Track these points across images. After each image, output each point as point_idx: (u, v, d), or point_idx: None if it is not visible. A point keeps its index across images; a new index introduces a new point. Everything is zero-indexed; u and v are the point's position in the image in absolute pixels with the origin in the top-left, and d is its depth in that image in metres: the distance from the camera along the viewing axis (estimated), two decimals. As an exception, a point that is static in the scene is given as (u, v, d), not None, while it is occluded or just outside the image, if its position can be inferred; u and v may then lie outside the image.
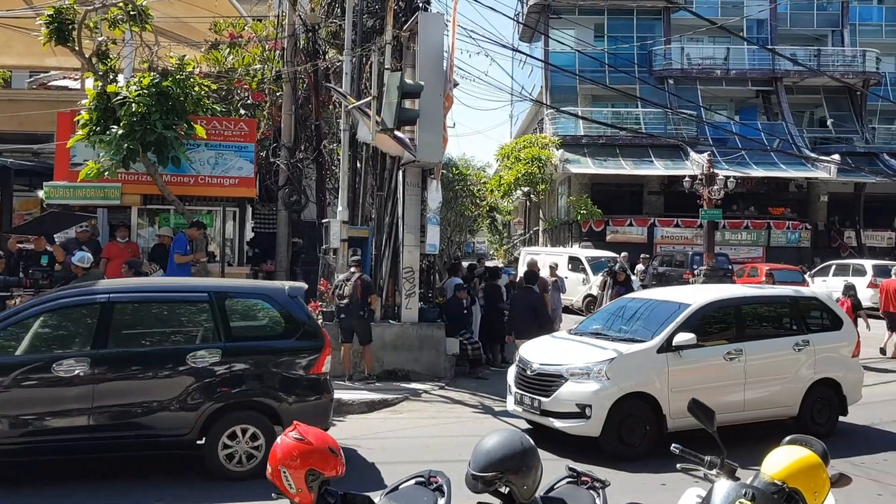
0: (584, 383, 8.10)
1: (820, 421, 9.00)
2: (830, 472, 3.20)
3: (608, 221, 32.12)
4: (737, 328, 8.98)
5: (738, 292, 10.06)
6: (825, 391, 9.10)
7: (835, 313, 9.69)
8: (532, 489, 3.02)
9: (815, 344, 9.09)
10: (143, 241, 12.74)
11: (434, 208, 12.46)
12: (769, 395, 8.79)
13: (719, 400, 8.12)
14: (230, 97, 15.98)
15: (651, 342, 8.36)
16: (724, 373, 8.54)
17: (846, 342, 9.53)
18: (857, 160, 33.28)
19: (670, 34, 36.26)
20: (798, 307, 9.61)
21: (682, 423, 7.88)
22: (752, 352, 8.71)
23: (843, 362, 9.38)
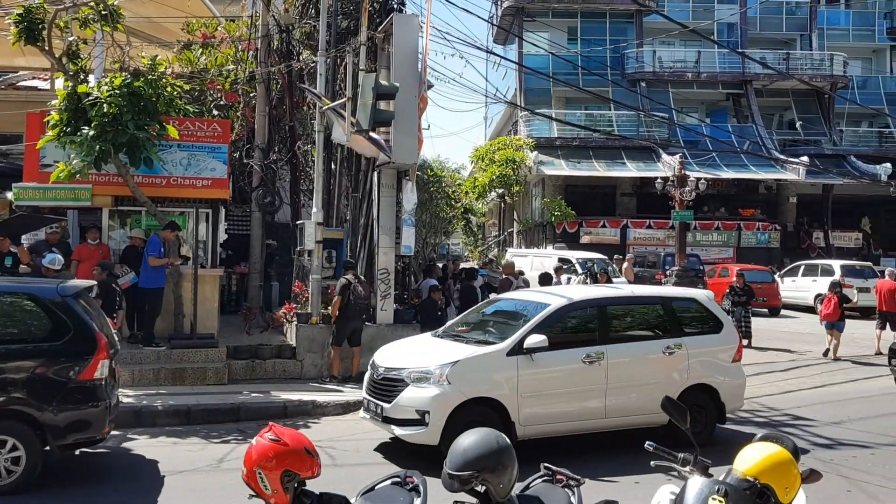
0: (424, 388, 7.64)
1: (694, 430, 8.45)
2: (801, 468, 3.25)
3: (581, 223, 32.34)
4: (600, 330, 8.46)
5: (605, 293, 9.44)
6: (700, 397, 8.62)
7: (715, 315, 9.15)
8: (508, 488, 3.03)
9: (690, 347, 8.63)
10: (114, 242, 12.58)
11: (409, 210, 12.46)
12: (635, 401, 8.31)
13: (577, 406, 8.05)
14: (203, 98, 15.85)
15: (501, 345, 7.94)
16: (583, 377, 8.13)
17: (726, 346, 9.02)
18: (825, 162, 33.82)
19: (642, 37, 36.59)
20: (673, 309, 9.02)
21: (534, 431, 7.80)
22: (615, 355, 8.27)
23: (721, 367, 8.90)
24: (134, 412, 9.23)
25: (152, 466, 7.47)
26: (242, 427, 9.05)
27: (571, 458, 7.75)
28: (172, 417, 9.32)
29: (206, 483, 7.07)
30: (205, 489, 6.90)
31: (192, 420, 9.34)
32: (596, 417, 8.15)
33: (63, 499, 6.60)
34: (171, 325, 11.88)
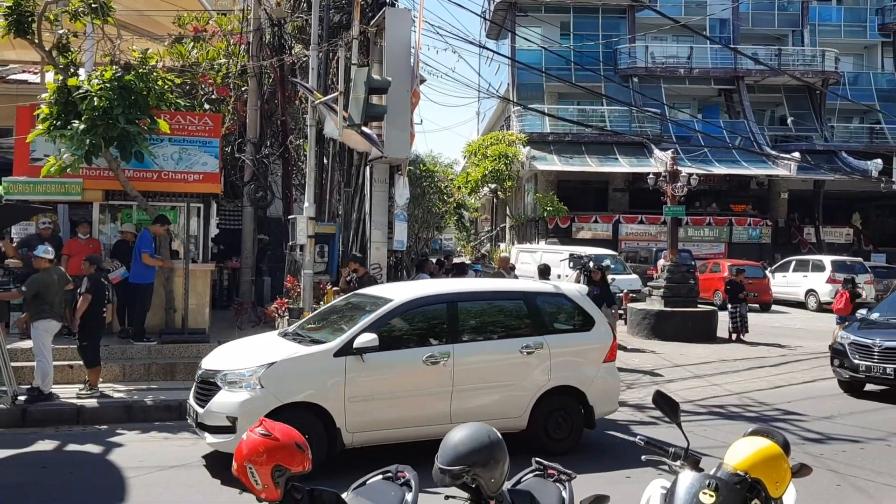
0: (235, 392, 6.98)
1: (557, 435, 7.89)
2: (791, 462, 3.27)
3: (574, 218, 32.37)
4: (449, 328, 7.74)
5: (459, 287, 8.69)
6: (565, 401, 8.02)
7: (586, 312, 8.46)
8: (499, 482, 3.03)
9: (553, 346, 7.96)
10: (105, 237, 12.53)
11: (401, 205, 12.46)
12: (486, 404, 7.61)
13: (417, 411, 7.38)
14: (194, 92, 15.77)
15: (328, 345, 7.28)
16: (425, 380, 7.47)
17: (596, 344, 8.33)
18: (817, 158, 33.94)
19: (635, 33, 36.63)
20: (537, 305, 8.32)
21: (365, 438, 7.24)
22: (464, 355, 7.60)
23: (590, 367, 8.20)
24: (125, 407, 9.21)
25: (142, 462, 7.45)
26: (234, 422, 9.00)
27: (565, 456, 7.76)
28: (164, 413, 9.28)
29: (198, 478, 7.05)
30: (196, 484, 6.88)
31: (184, 415, 9.28)
32: (440, 423, 7.14)
33: (57, 496, 6.57)
34: (163, 321, 11.85)
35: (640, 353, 15.30)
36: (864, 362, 11.18)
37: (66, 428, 8.66)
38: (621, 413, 9.91)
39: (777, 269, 27.27)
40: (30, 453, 7.75)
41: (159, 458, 7.61)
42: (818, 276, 25.18)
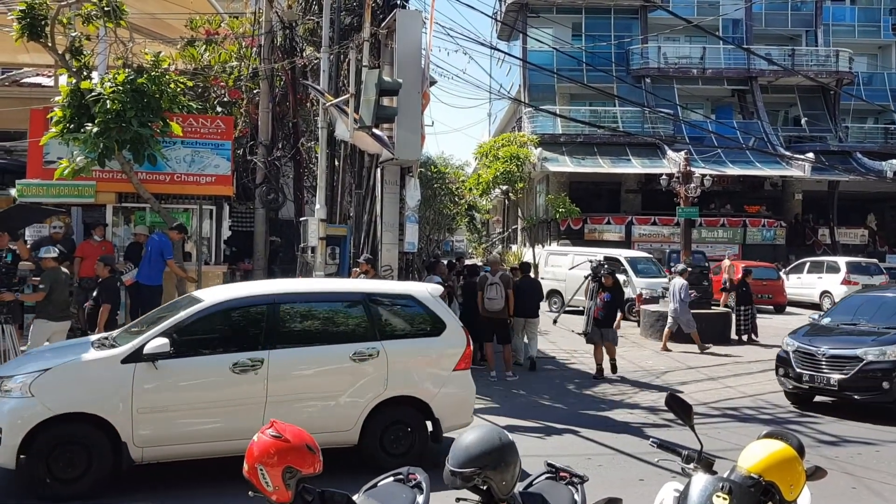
0: (5, 400, 6.39)
1: (395, 450, 7.17)
2: (806, 465, 3.23)
3: (586, 220, 32.26)
4: (266, 333, 7.01)
5: (283, 287, 7.98)
6: (406, 413, 7.35)
7: (436, 316, 7.69)
8: (510, 485, 3.02)
9: (392, 353, 7.27)
10: (118, 239, 12.61)
11: (412, 206, 12.45)
12: (308, 417, 6.88)
13: (221, 424, 6.70)
14: (206, 94, 15.85)
15: (116, 351, 6.64)
16: (233, 389, 6.77)
17: (445, 351, 7.58)
18: (831, 158, 33.70)
19: (647, 33, 36.50)
20: (377, 308, 7.60)
21: (158, 453, 6.59)
22: (281, 363, 6.90)
23: (437, 376, 7.50)
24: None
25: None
26: (246, 424, 9.01)
27: (574, 456, 7.73)
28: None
29: (209, 478, 7.06)
30: (207, 485, 6.88)
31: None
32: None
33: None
34: (175, 322, 11.87)
35: (656, 354, 15.24)
36: (808, 371, 10.32)
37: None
38: (634, 416, 9.87)
39: (791, 271, 27.09)
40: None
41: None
42: (833, 278, 24.98)
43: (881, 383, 9.79)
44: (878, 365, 9.85)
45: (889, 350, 9.96)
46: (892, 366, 9.81)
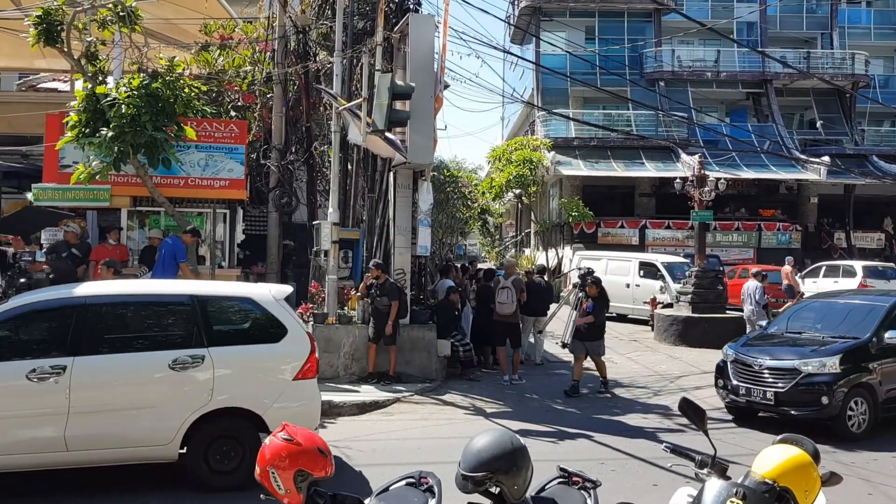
0: None
1: (222, 467, 6.70)
2: (821, 470, 3.20)
3: (599, 223, 32.15)
4: (71, 338, 6.53)
5: (95, 290, 7.30)
6: (236, 426, 6.82)
7: (276, 319, 7.08)
8: (522, 489, 3.00)
9: (219, 360, 6.75)
10: (133, 243, 12.69)
11: (425, 210, 12.46)
12: (118, 430, 6.45)
13: (18, 436, 6.29)
14: (220, 99, 15.93)
15: None
16: (30, 399, 6.35)
17: (284, 358, 7.05)
18: (847, 162, 33.44)
19: (661, 36, 36.37)
20: (206, 311, 7.01)
21: None
22: (85, 370, 6.41)
23: (273, 386, 6.98)
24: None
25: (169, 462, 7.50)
26: (259, 427, 9.03)
27: (588, 461, 7.69)
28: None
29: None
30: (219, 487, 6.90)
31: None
32: (52, 450, 6.28)
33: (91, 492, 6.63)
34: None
35: (670, 358, 15.16)
36: (745, 384, 9.62)
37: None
38: (648, 420, 9.81)
39: (807, 275, 26.87)
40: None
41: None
42: (849, 282, 24.77)
43: (820, 398, 9.02)
44: (816, 378, 9.13)
45: (829, 362, 9.22)
46: (832, 379, 9.08)
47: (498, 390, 11.86)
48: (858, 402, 9.16)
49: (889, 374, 9.47)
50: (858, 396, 9.16)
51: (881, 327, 9.62)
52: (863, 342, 9.51)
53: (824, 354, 9.35)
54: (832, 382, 9.05)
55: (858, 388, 9.19)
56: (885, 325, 9.65)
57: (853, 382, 9.15)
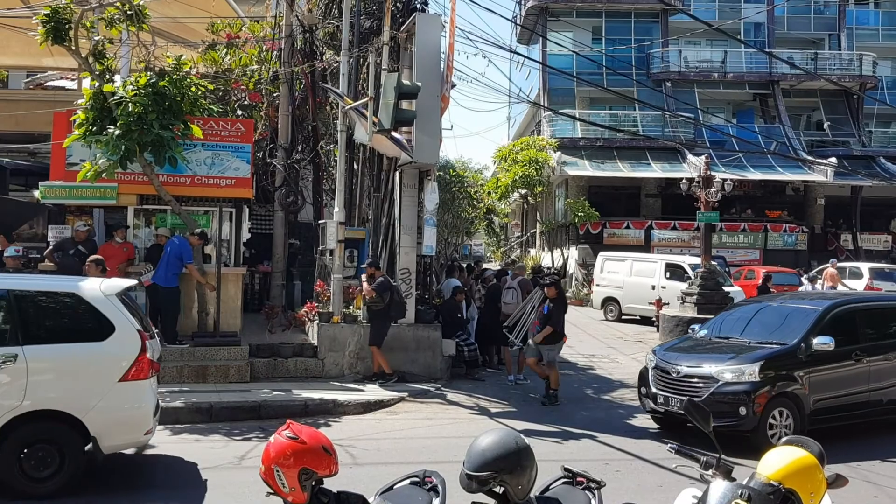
0: None
1: (38, 474, 6.28)
2: (827, 473, 3.19)
3: (605, 224, 32.12)
4: None
5: None
6: (54, 430, 6.41)
7: (103, 317, 6.62)
8: (527, 489, 3.00)
9: (34, 359, 6.34)
10: (139, 241, 12.71)
11: (431, 210, 12.46)
12: None
13: None
14: (227, 98, 15.96)
15: None
16: None
17: (110, 358, 6.62)
18: (854, 163, 33.34)
19: (668, 37, 36.29)
20: (18, 306, 6.56)
21: None
22: None
23: (94, 387, 6.52)
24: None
25: (174, 463, 7.52)
26: (264, 425, 9.08)
27: (592, 462, 7.68)
28: (195, 415, 9.38)
29: (227, 480, 7.10)
30: (226, 486, 6.92)
31: (215, 417, 9.40)
32: None
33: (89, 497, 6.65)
34: (195, 323, 11.98)
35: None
36: (663, 392, 9.02)
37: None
38: (652, 421, 9.78)
39: (813, 277, 26.79)
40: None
41: (190, 459, 7.67)
42: (856, 284, 24.69)
43: (738, 408, 8.39)
44: (734, 386, 8.51)
45: (748, 369, 8.59)
46: (751, 387, 8.45)
47: (502, 390, 11.86)
48: (782, 412, 8.56)
49: (819, 383, 8.88)
50: (782, 407, 8.57)
51: (811, 333, 9.00)
52: (789, 348, 8.93)
53: (744, 361, 8.73)
54: (751, 391, 8.44)
55: (782, 397, 8.61)
56: (815, 331, 9.03)
57: (775, 392, 8.56)
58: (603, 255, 24.68)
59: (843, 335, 9.20)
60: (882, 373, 9.38)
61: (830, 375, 9.06)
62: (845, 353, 9.13)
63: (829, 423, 8.92)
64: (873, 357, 9.35)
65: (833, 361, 9.06)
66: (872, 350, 9.41)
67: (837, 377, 9.13)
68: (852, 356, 9.19)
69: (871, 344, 9.48)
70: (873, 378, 9.32)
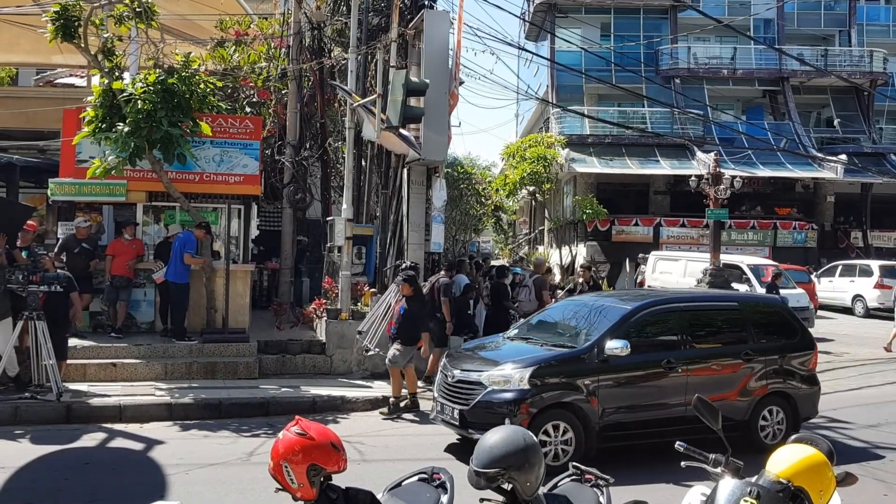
0: None
1: None
2: (836, 471, 3.18)
3: (614, 221, 32.05)
4: None
5: None
6: None
7: None
8: (535, 486, 3.00)
9: None
10: (148, 238, 12.76)
11: (439, 207, 12.47)
12: None
13: None
14: (236, 95, 16.00)
15: None
16: None
17: None
18: (864, 160, 33.15)
19: (677, 33, 36.16)
20: None
21: None
22: None
23: None
24: (166, 406, 9.34)
25: (182, 460, 7.55)
26: (272, 421, 9.10)
27: (600, 460, 7.67)
28: (204, 411, 9.40)
29: (236, 476, 7.12)
30: (234, 482, 6.94)
31: (223, 414, 9.42)
32: None
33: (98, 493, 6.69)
34: (204, 320, 12.02)
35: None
36: (441, 399, 8.04)
37: (108, 425, 8.80)
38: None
39: (823, 274, 26.68)
40: (73, 449, 7.90)
41: (199, 456, 7.69)
42: (865, 282, 24.60)
43: (502, 420, 7.01)
44: (501, 395, 7.43)
45: (517, 375, 7.44)
46: (518, 396, 7.35)
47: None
48: (557, 427, 7.38)
49: (614, 394, 7.70)
50: (558, 420, 7.37)
51: (606, 335, 7.76)
52: (574, 353, 7.76)
53: (515, 366, 7.56)
54: (517, 401, 7.31)
55: (558, 409, 7.43)
56: (613, 333, 7.79)
57: (550, 402, 7.41)
58: (655, 255, 23.23)
59: (654, 340, 8.29)
60: (705, 384, 7.94)
61: (632, 386, 7.89)
62: (652, 361, 7.95)
63: (629, 440, 7.78)
64: (694, 366, 8.08)
65: (635, 370, 7.87)
66: (693, 358, 8.16)
67: (642, 388, 7.93)
68: (663, 364, 7.88)
69: (693, 351, 8.25)
70: (693, 390, 7.32)
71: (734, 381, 8.33)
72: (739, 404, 8.25)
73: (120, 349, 10.87)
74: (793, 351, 8.80)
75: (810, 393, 8.85)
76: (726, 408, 6.98)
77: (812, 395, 8.88)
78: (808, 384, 8.84)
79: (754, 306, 9.44)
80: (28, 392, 9.17)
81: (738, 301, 9.51)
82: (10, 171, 15.50)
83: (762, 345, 8.62)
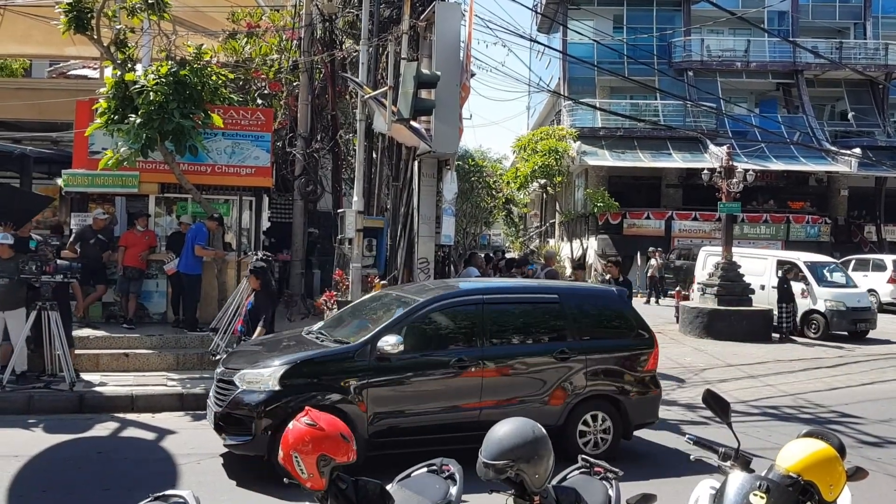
0: None
1: None
2: (846, 465, 3.17)
3: (625, 214, 31.97)
4: None
5: None
6: None
7: None
8: (543, 478, 3.01)
9: None
10: (160, 229, 12.82)
11: (449, 199, 12.45)
12: None
13: None
14: (247, 87, 16.02)
15: None
16: None
17: None
18: (879, 154, 32.92)
19: (690, 25, 35.95)
20: None
21: None
22: None
23: None
24: (178, 395, 9.39)
25: (194, 449, 7.59)
26: (283, 412, 9.10)
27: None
28: (215, 401, 9.43)
29: (247, 466, 7.15)
30: (246, 472, 6.98)
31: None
32: None
33: (110, 481, 6.74)
34: (216, 311, 12.06)
35: (695, 351, 15.06)
36: (213, 398, 7.15)
37: (120, 414, 8.86)
38: (671, 412, 9.75)
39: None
40: (86, 439, 7.96)
41: (210, 446, 7.72)
42: (879, 276, 24.43)
43: (250, 424, 6.59)
44: (249, 396, 6.68)
45: (266, 374, 6.70)
46: (264, 399, 6.59)
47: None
48: None
49: (389, 397, 6.90)
50: None
51: (383, 332, 6.95)
52: (342, 350, 6.98)
53: (270, 365, 6.82)
54: (263, 404, 6.58)
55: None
56: (390, 330, 6.98)
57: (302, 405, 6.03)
58: (706, 251, 21.79)
59: (445, 336, 7.49)
60: (505, 385, 7.28)
61: (412, 387, 7.02)
62: (439, 360, 7.15)
63: (403, 447, 6.83)
64: (493, 365, 7.24)
65: (417, 369, 7.02)
66: (493, 356, 7.27)
67: (426, 390, 7.05)
68: (453, 363, 7.09)
69: (494, 348, 7.35)
70: (490, 392, 7.10)
71: (543, 383, 7.36)
72: (550, 409, 7.29)
73: (132, 339, 10.94)
74: (624, 350, 7.81)
75: (646, 397, 7.83)
76: (534, 412, 5.87)
77: (647, 400, 7.85)
78: (641, 387, 7.80)
79: (580, 299, 8.16)
80: (41, 381, 9.25)
81: (559, 293, 8.07)
82: (24, 161, 15.60)
83: (584, 342, 7.61)
